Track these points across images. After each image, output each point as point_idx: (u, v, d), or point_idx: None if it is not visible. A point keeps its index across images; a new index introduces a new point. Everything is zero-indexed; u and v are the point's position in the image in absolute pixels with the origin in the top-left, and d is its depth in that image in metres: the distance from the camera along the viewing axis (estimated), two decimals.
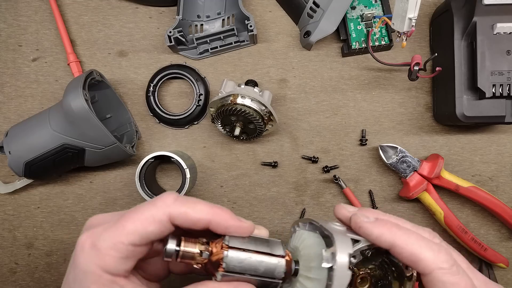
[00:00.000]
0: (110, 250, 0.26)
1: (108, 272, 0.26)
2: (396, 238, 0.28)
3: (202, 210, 0.27)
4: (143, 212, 0.27)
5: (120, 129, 0.55)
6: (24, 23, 0.56)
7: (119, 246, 0.26)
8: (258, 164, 0.55)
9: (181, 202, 0.27)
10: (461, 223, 0.51)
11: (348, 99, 0.55)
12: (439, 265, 0.27)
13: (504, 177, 0.55)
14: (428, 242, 0.28)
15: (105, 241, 0.26)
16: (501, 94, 0.46)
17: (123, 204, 0.55)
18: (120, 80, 0.56)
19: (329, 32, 0.51)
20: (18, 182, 0.54)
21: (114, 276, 0.26)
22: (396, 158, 0.52)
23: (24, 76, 0.56)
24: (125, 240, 0.26)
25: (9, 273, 0.55)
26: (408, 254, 0.27)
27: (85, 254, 0.26)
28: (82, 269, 0.26)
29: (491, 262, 0.52)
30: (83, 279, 0.26)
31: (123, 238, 0.26)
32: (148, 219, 0.26)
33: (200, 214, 0.27)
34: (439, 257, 0.27)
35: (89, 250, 0.26)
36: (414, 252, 0.27)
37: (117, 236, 0.26)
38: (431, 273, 0.27)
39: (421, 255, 0.27)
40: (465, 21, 0.48)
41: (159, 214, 0.27)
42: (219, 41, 0.54)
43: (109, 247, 0.26)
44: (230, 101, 0.47)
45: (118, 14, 0.56)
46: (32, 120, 0.49)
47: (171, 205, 0.27)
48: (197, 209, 0.27)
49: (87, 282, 0.26)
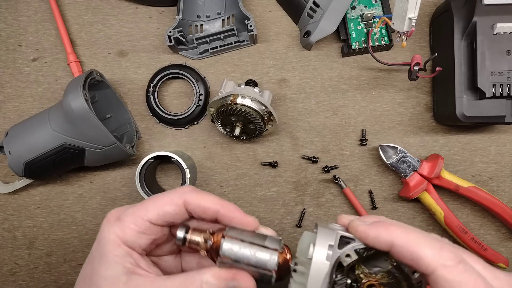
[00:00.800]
0: (130, 223, 0.29)
1: (126, 243, 0.29)
2: (394, 237, 0.27)
3: (212, 200, 0.31)
4: (162, 196, 0.31)
5: (120, 129, 0.55)
6: (24, 23, 0.56)
7: (139, 220, 0.29)
8: (258, 164, 0.55)
9: (196, 191, 0.31)
10: (461, 223, 0.51)
11: (348, 99, 0.55)
12: (442, 262, 0.25)
13: (504, 177, 0.55)
14: (429, 239, 0.26)
15: (128, 215, 0.30)
16: (501, 94, 0.46)
17: (123, 204, 0.55)
18: (120, 80, 0.56)
19: (329, 32, 0.51)
20: (18, 182, 0.54)
21: (130, 248, 0.29)
22: (396, 158, 0.52)
23: (24, 76, 0.56)
24: (144, 216, 0.30)
25: (9, 273, 0.55)
26: (409, 253, 0.26)
27: (109, 225, 0.30)
28: (104, 237, 0.30)
29: (491, 262, 0.52)
30: (103, 247, 0.29)
31: (143, 214, 0.30)
32: (166, 200, 0.31)
33: (210, 204, 0.31)
34: (441, 254, 0.26)
35: (113, 222, 0.30)
36: (414, 250, 0.26)
37: (138, 212, 0.30)
38: (434, 271, 0.25)
39: (421, 252, 0.26)
40: (465, 21, 0.48)
41: (176, 197, 0.31)
42: (219, 41, 0.54)
43: (130, 221, 0.30)
44: (230, 101, 0.47)
45: (118, 14, 0.56)
46: (32, 120, 0.49)
47: (187, 192, 0.31)
48: (208, 199, 0.31)
49: (106, 250, 0.29)
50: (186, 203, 0.31)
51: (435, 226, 0.55)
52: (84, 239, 0.55)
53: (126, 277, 0.28)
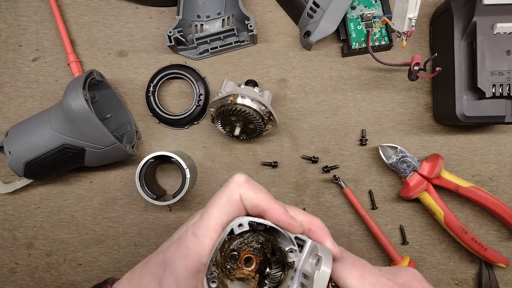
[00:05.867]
0: (204, 237, 0.29)
1: (201, 260, 0.29)
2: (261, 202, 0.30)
3: (263, 199, 0.30)
4: (221, 196, 0.30)
5: (120, 129, 0.55)
6: (24, 23, 0.56)
7: (210, 232, 0.29)
8: (258, 164, 0.55)
9: (249, 184, 0.31)
10: (461, 223, 0.51)
11: (348, 99, 0.55)
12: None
13: (504, 177, 0.55)
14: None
15: (200, 229, 0.29)
16: (501, 94, 0.46)
17: (123, 204, 0.55)
18: (120, 80, 0.56)
19: (329, 32, 0.51)
20: (18, 182, 0.54)
21: (202, 265, 0.29)
22: (396, 158, 0.52)
23: (24, 76, 0.56)
24: (214, 224, 0.29)
25: (9, 273, 0.55)
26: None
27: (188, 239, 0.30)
28: (182, 251, 0.30)
29: (491, 262, 0.52)
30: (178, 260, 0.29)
31: (213, 223, 0.29)
32: (226, 200, 0.30)
33: (260, 202, 0.30)
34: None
35: (191, 237, 0.30)
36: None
37: (208, 222, 0.29)
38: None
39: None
40: (465, 21, 0.48)
41: (234, 195, 0.30)
42: (219, 41, 0.54)
43: (203, 235, 0.29)
44: (230, 101, 0.47)
45: (118, 14, 0.56)
46: (32, 120, 0.49)
47: (242, 184, 0.30)
48: (260, 196, 0.30)
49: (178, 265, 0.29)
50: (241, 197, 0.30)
51: (435, 226, 0.55)
52: (84, 239, 0.55)
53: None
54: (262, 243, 0.30)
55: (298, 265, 0.29)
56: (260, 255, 0.30)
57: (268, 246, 0.30)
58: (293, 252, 0.29)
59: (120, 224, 0.55)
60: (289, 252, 0.29)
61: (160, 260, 0.31)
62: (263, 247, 0.30)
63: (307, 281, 0.28)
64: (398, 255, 0.53)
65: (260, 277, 0.30)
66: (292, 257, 0.29)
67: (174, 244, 0.31)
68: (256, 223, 0.29)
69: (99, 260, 0.55)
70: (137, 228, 0.55)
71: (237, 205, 0.30)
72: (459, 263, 0.55)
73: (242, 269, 0.30)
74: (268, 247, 0.30)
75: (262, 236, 0.30)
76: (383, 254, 0.55)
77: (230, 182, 0.31)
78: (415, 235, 0.55)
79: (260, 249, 0.30)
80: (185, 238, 0.30)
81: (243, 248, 0.30)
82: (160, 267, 0.31)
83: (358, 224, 0.55)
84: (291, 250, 0.29)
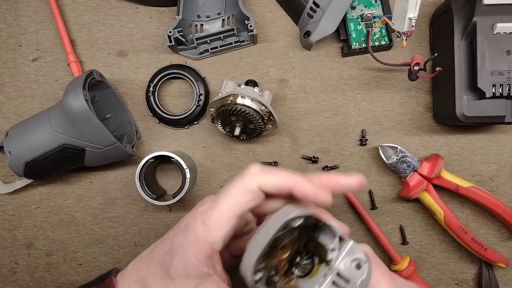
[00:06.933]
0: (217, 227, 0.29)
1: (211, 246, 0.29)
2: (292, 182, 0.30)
3: (285, 177, 0.30)
4: (235, 186, 0.30)
5: (120, 129, 0.55)
6: (24, 23, 0.56)
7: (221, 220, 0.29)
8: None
9: (266, 172, 0.30)
10: (461, 223, 0.51)
11: (348, 99, 0.55)
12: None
13: (504, 177, 0.55)
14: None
15: (211, 217, 0.29)
16: (501, 94, 0.46)
17: (123, 204, 0.55)
18: (120, 80, 0.56)
19: (329, 32, 0.51)
20: (18, 182, 0.54)
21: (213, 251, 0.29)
22: (396, 158, 0.52)
23: (24, 76, 0.56)
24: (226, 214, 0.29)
25: (9, 273, 0.55)
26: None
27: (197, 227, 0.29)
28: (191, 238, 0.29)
29: (491, 262, 0.52)
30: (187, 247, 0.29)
31: (225, 212, 0.29)
32: (240, 191, 0.30)
33: (285, 181, 0.30)
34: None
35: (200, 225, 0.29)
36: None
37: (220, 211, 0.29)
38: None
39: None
40: (465, 21, 0.48)
41: (250, 185, 0.30)
42: (219, 41, 0.54)
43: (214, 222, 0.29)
44: (230, 101, 0.47)
45: (118, 14, 0.56)
46: (32, 120, 0.49)
47: (259, 175, 0.30)
48: (282, 177, 0.30)
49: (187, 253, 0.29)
50: (260, 186, 0.30)
51: (435, 226, 0.55)
52: (84, 239, 0.55)
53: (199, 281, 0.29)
54: (300, 234, 0.30)
55: (335, 263, 0.28)
56: (296, 245, 0.30)
57: (304, 237, 0.30)
58: (334, 251, 0.29)
59: (120, 224, 0.55)
60: (331, 250, 0.29)
61: (167, 247, 0.31)
62: (300, 237, 0.30)
63: (342, 281, 0.28)
64: (398, 255, 0.53)
65: (288, 265, 0.30)
66: (331, 255, 0.29)
67: (182, 232, 0.31)
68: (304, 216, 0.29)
69: (99, 260, 0.55)
70: (137, 228, 0.55)
71: (252, 194, 0.30)
72: (459, 263, 0.55)
73: (279, 258, 0.29)
74: (304, 238, 0.30)
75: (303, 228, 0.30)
76: (383, 254, 0.55)
77: (245, 174, 0.31)
78: (415, 235, 0.55)
79: (298, 239, 0.30)
80: (194, 226, 0.30)
81: (284, 237, 0.29)
82: (167, 254, 0.30)
83: (358, 224, 0.55)
84: (333, 248, 0.29)
